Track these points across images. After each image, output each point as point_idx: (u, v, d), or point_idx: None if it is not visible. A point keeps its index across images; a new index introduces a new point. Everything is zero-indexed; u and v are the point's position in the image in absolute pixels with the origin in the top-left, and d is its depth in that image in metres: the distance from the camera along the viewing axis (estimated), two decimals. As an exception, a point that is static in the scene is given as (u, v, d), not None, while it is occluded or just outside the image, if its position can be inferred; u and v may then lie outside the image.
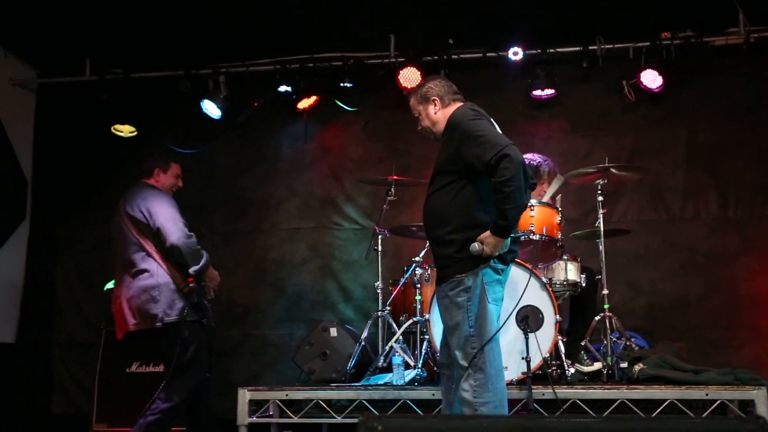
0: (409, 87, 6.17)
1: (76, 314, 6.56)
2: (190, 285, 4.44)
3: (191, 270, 4.47)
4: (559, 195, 5.08)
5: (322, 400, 4.57)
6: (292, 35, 6.32)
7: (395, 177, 5.33)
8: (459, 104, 3.73)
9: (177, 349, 4.33)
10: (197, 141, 6.63)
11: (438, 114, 3.73)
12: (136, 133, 6.49)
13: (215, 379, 5.70)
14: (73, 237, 6.60)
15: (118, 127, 6.45)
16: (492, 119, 3.73)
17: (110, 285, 5.79)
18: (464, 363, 3.47)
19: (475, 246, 3.44)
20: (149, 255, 4.48)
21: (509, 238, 3.49)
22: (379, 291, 5.31)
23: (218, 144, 6.64)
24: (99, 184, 6.68)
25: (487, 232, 3.42)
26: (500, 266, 3.56)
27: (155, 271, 4.45)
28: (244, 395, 4.58)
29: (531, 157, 5.44)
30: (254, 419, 4.60)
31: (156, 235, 4.48)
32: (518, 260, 4.56)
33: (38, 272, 6.52)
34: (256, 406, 4.65)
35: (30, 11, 5.87)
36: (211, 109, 6.44)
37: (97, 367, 5.59)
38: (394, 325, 5.07)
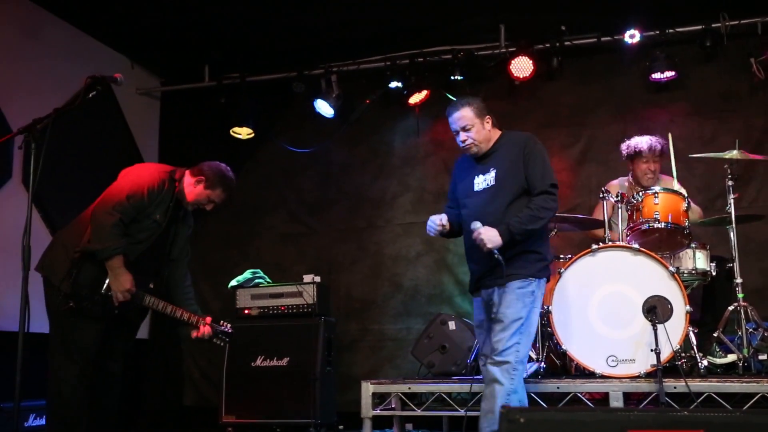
0: (521, 77, 6.09)
1: (202, 311, 6.80)
2: (82, 254, 3.96)
3: (84, 245, 3.96)
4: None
5: (444, 393, 4.56)
6: (401, 30, 6.35)
7: (510, 168, 5.25)
8: (500, 130, 4.02)
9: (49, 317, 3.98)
10: (312, 140, 6.78)
11: (489, 132, 3.95)
12: (253, 134, 6.71)
13: (335, 373, 5.85)
14: (197, 236, 6.80)
15: (236, 129, 6.69)
16: None
17: (234, 282, 6.03)
18: (507, 356, 3.67)
19: (477, 223, 3.69)
20: (89, 211, 4.08)
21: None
22: (497, 284, 5.25)
23: (332, 142, 6.76)
24: (220, 185, 6.92)
25: (495, 232, 3.66)
26: None
27: (76, 225, 4.08)
28: (368, 388, 4.63)
29: (638, 140, 5.24)
30: (377, 412, 4.64)
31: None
32: (643, 249, 4.42)
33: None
34: (379, 399, 4.69)
35: (153, 26, 6.19)
36: (324, 108, 6.56)
37: (224, 362, 5.79)
38: (514, 317, 5.01)
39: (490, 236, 3.65)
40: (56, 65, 5.86)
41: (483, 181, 3.89)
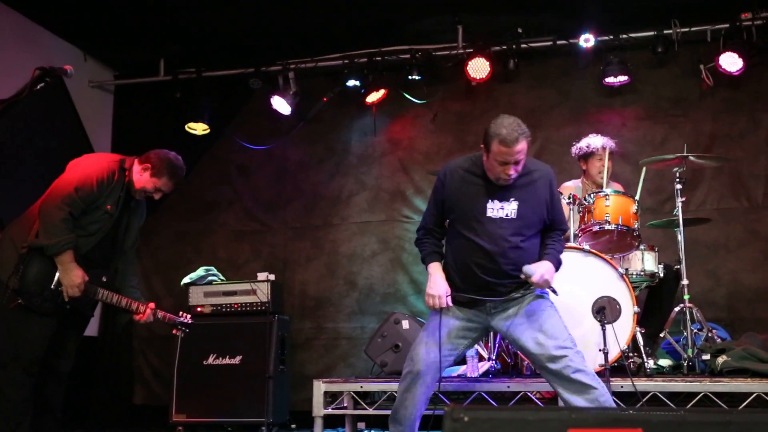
0: (478, 78, 6.13)
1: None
2: (30, 249, 3.84)
3: (32, 240, 3.86)
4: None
5: (396, 392, 4.56)
6: (360, 29, 6.34)
7: (465, 168, 5.28)
8: None
9: None
10: (268, 137, 6.74)
11: None
12: (209, 130, 6.63)
13: (288, 372, 5.83)
14: (151, 232, 6.74)
15: (192, 125, 6.59)
16: None
17: (187, 279, 5.96)
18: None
19: (531, 269, 3.60)
20: (37, 204, 3.97)
21: None
22: (451, 283, 5.28)
23: (288, 139, 6.72)
24: (174, 181, 6.83)
25: (550, 265, 3.67)
26: None
27: (24, 220, 3.98)
28: (320, 387, 4.62)
29: (590, 138, 5.32)
30: (329, 411, 4.64)
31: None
32: (594, 251, 4.50)
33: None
34: (331, 397, 4.69)
35: (107, 17, 6.07)
36: (281, 105, 6.52)
37: (176, 360, 5.71)
38: (467, 317, 5.04)
39: (552, 275, 3.67)
40: (5, 56, 5.71)
41: (500, 209, 3.69)
